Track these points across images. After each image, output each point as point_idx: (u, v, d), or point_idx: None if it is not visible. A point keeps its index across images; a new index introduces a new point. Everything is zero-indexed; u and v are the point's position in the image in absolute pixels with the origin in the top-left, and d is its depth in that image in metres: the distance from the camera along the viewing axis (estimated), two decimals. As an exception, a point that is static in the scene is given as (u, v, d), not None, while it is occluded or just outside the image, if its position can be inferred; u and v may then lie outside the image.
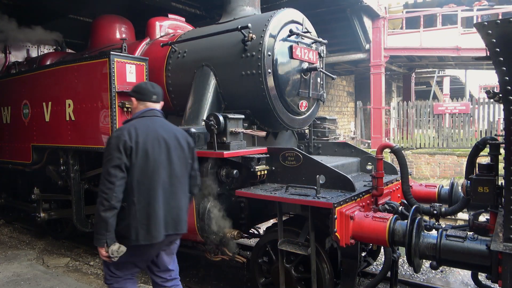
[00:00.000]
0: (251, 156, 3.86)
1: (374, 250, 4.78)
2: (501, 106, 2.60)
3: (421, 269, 4.56)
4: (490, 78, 25.70)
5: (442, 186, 4.44)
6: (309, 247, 3.44)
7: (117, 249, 2.63)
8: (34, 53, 8.22)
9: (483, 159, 3.64)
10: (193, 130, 4.11)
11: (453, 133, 14.52)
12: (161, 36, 5.79)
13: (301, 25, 4.76)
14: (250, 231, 4.73)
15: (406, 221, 3.13)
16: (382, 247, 4.79)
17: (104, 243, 2.60)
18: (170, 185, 2.79)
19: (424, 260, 3.36)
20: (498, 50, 2.41)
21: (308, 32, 4.78)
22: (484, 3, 14.50)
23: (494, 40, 2.41)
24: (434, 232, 3.22)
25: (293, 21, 4.63)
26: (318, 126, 5.51)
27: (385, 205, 3.78)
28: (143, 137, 2.71)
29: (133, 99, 3.01)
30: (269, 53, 4.28)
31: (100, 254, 2.67)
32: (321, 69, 4.94)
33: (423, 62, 16.89)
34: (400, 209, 3.71)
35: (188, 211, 3.88)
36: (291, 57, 4.50)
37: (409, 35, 14.08)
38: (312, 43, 4.87)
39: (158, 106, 3.02)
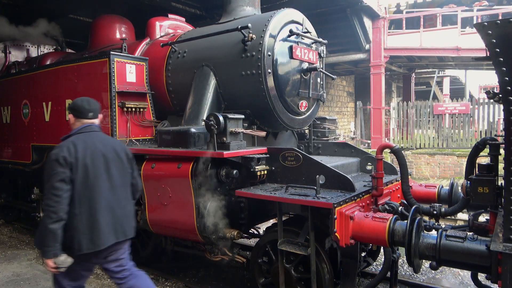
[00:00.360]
0: (251, 156, 3.86)
1: (374, 250, 4.78)
2: (501, 106, 2.61)
3: (421, 269, 4.57)
4: (490, 78, 25.76)
5: (442, 186, 4.44)
6: (309, 247, 3.44)
7: (64, 259, 2.78)
8: (34, 53, 8.22)
9: (483, 159, 3.65)
10: (193, 130, 4.12)
11: (453, 133, 14.52)
12: (161, 36, 5.79)
13: (301, 25, 4.76)
14: (250, 231, 4.73)
15: (406, 221, 3.13)
16: (382, 247, 4.80)
17: (53, 254, 2.73)
18: (113, 194, 2.98)
19: (424, 260, 3.36)
20: (498, 50, 2.41)
21: (308, 32, 4.78)
22: (484, 3, 14.50)
23: (494, 41, 2.41)
24: (434, 232, 3.22)
25: (293, 21, 4.63)
26: (318, 126, 5.51)
27: (385, 205, 3.79)
28: (82, 152, 2.88)
29: (70, 115, 3.14)
30: (269, 53, 4.28)
31: (48, 266, 2.80)
32: (321, 69, 4.94)
33: (423, 62, 16.89)
34: (400, 209, 3.72)
35: (188, 211, 3.91)
36: (291, 57, 4.50)
37: (409, 35, 14.07)
38: (312, 43, 4.87)
39: (96, 121, 3.17)
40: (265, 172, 4.00)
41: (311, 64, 4.72)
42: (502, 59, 2.41)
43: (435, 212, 3.82)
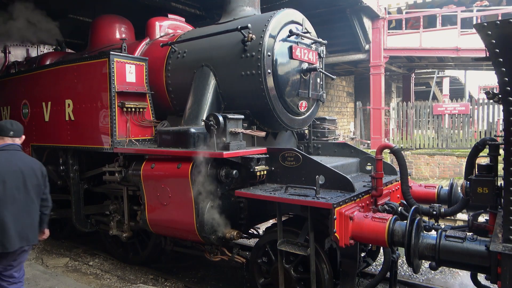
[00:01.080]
0: (250, 156, 3.86)
1: (374, 251, 4.78)
2: (501, 107, 2.62)
3: (421, 269, 4.57)
4: (489, 78, 25.80)
5: (442, 187, 4.45)
6: (308, 248, 3.44)
7: None
8: (33, 53, 8.20)
9: (483, 159, 3.65)
10: (192, 130, 4.11)
11: (452, 133, 14.52)
12: (161, 36, 5.79)
13: (301, 25, 4.76)
14: (249, 231, 4.73)
15: (406, 221, 3.13)
16: (381, 248, 4.79)
17: None
18: (26, 206, 3.32)
19: (423, 261, 3.36)
20: (498, 51, 2.42)
21: (308, 32, 4.78)
22: (484, 3, 14.49)
23: (494, 41, 2.41)
24: (433, 232, 3.22)
25: (293, 22, 4.63)
26: (318, 126, 5.51)
27: (385, 205, 3.79)
28: (1, 168, 3.21)
29: None
30: (269, 53, 4.28)
31: None
32: (321, 70, 4.94)
33: (423, 62, 16.89)
34: (399, 209, 3.72)
35: (187, 211, 3.91)
36: (291, 57, 4.50)
37: (408, 35, 14.08)
38: (312, 43, 4.87)
39: (17, 140, 3.49)
40: (265, 172, 4.00)
41: (311, 64, 4.72)
42: (501, 60, 2.41)
43: (434, 212, 3.82)
